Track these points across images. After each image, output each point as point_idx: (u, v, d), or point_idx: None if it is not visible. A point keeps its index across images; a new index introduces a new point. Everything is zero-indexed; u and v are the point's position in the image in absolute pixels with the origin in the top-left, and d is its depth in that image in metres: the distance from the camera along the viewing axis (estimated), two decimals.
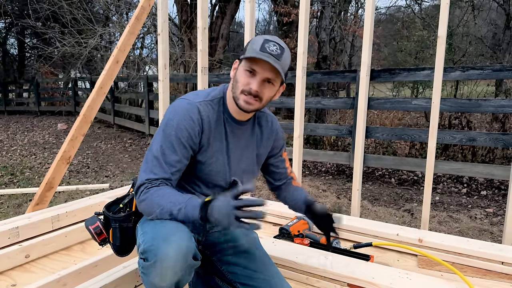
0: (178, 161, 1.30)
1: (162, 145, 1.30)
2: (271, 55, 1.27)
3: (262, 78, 1.30)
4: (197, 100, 1.35)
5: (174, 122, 1.31)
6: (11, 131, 10.00)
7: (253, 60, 1.29)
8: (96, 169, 5.87)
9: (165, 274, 1.13)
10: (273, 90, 1.36)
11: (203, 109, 1.34)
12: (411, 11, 9.71)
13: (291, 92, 7.59)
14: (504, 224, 2.18)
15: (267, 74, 1.30)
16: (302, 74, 2.64)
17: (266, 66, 1.28)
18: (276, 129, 1.56)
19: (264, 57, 1.26)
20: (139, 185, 1.28)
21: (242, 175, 1.47)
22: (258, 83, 1.30)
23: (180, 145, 1.30)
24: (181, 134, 1.30)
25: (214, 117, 1.37)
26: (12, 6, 12.25)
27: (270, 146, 1.56)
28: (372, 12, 2.45)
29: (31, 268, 1.92)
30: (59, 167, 2.54)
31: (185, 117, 1.31)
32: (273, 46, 1.28)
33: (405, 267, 1.98)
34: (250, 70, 1.29)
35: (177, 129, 1.30)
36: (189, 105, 1.34)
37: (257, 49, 1.28)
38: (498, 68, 3.89)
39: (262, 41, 1.30)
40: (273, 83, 1.33)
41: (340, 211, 3.82)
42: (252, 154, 1.49)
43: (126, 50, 2.81)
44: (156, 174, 1.27)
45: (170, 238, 1.14)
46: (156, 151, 1.30)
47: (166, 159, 1.28)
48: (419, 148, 5.60)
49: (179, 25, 9.01)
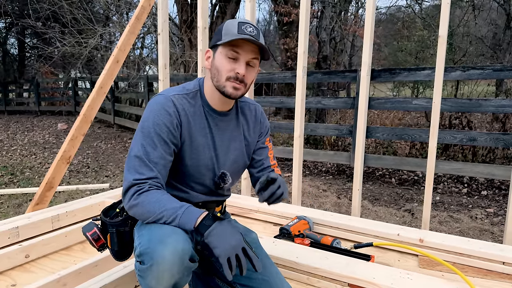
0: (161, 157, 1.27)
1: (143, 143, 1.27)
2: (250, 36, 1.26)
3: (246, 60, 1.29)
4: (171, 93, 1.33)
5: (150, 119, 1.28)
6: (11, 131, 10.00)
7: (234, 43, 1.27)
8: (96, 169, 5.87)
9: (162, 277, 1.12)
10: (255, 73, 1.36)
11: (178, 102, 1.32)
12: (412, 11, 9.71)
13: (291, 92, 7.61)
14: (505, 224, 2.18)
15: (250, 55, 1.29)
16: (302, 74, 2.64)
17: (248, 47, 1.28)
18: (260, 116, 1.55)
19: (246, 37, 1.24)
20: (127, 187, 1.24)
21: (231, 167, 1.46)
22: (244, 67, 1.29)
23: (161, 141, 1.27)
24: (160, 129, 1.27)
25: (191, 110, 1.35)
26: (12, 6, 12.26)
27: (257, 134, 1.54)
28: (372, 12, 2.45)
29: (31, 268, 1.91)
30: (59, 167, 2.54)
31: (161, 112, 1.29)
32: (249, 28, 1.28)
33: (406, 267, 1.98)
34: (232, 55, 1.28)
35: (155, 124, 1.27)
36: (163, 99, 1.31)
37: (235, 32, 1.26)
38: (499, 68, 3.89)
39: (237, 24, 1.28)
40: (254, 66, 1.33)
41: (340, 211, 3.81)
42: (240, 144, 1.48)
43: (126, 49, 2.81)
44: (142, 174, 1.24)
45: (166, 241, 1.13)
46: (138, 150, 1.26)
47: (149, 157, 1.25)
48: (420, 148, 5.60)
49: (179, 25, 9.01)
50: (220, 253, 1.11)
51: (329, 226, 2.32)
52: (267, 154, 1.55)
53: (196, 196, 1.42)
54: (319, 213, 2.48)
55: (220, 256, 1.10)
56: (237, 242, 1.14)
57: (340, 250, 2.03)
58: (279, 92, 10.68)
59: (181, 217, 1.18)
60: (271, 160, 1.56)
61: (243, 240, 1.16)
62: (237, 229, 1.18)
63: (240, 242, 1.14)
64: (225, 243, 1.12)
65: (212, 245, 1.12)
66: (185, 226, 1.17)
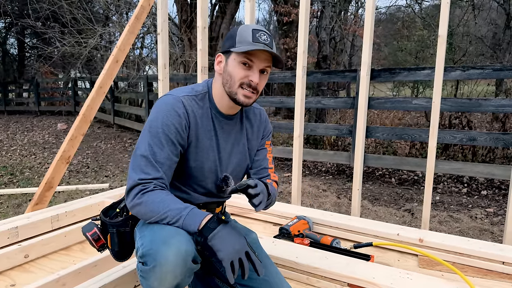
0: (168, 158, 1.27)
1: (150, 142, 1.26)
2: (265, 44, 1.26)
3: (259, 69, 1.29)
4: (181, 94, 1.33)
5: (159, 119, 1.28)
6: (11, 131, 9.99)
7: (249, 52, 1.27)
8: (95, 169, 5.87)
9: (165, 278, 1.12)
10: (266, 80, 1.36)
11: (187, 103, 1.32)
12: (411, 11, 9.71)
13: (291, 91, 7.61)
14: (504, 224, 2.18)
15: (264, 63, 1.29)
16: (302, 74, 2.64)
17: (263, 56, 1.28)
18: (265, 120, 1.56)
19: (261, 47, 1.25)
20: (131, 186, 1.23)
21: (233, 170, 1.46)
22: (258, 75, 1.29)
23: (169, 142, 1.27)
24: (169, 130, 1.27)
25: (199, 112, 1.35)
26: (12, 6, 12.26)
27: (260, 138, 1.55)
28: (372, 11, 2.45)
29: (30, 268, 1.91)
30: (58, 166, 2.54)
31: (170, 113, 1.28)
32: (264, 36, 1.28)
33: (406, 267, 1.98)
34: (246, 62, 1.28)
35: (164, 125, 1.27)
36: (173, 99, 1.31)
37: (250, 40, 1.26)
38: (499, 67, 3.89)
39: (251, 31, 1.28)
40: (267, 73, 1.33)
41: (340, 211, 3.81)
42: (243, 148, 1.48)
43: (125, 49, 2.80)
44: (148, 174, 1.23)
45: (169, 242, 1.13)
46: (145, 150, 1.25)
47: (156, 157, 1.25)
48: (419, 147, 5.59)
49: (179, 24, 9.00)
50: (223, 257, 1.11)
51: (328, 226, 2.32)
52: (266, 156, 1.55)
53: (197, 197, 1.42)
54: (318, 213, 2.48)
55: (224, 259, 1.11)
56: (241, 246, 1.14)
57: (339, 250, 2.03)
58: (279, 92, 10.68)
59: (185, 218, 1.17)
60: (269, 163, 1.54)
61: (247, 245, 1.17)
62: (241, 233, 1.19)
63: (243, 246, 1.15)
64: (229, 246, 1.13)
65: (216, 248, 1.12)
66: (188, 228, 1.17)
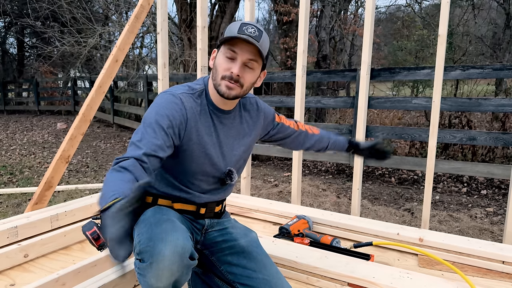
0: (159, 145, 1.22)
1: (143, 131, 1.25)
2: (249, 36, 1.27)
3: (242, 60, 1.29)
4: (179, 92, 1.34)
5: (154, 112, 1.28)
6: (11, 130, 9.99)
7: (232, 43, 1.28)
8: (95, 169, 5.86)
9: (162, 274, 1.12)
10: (254, 76, 1.35)
11: (185, 100, 1.33)
12: (411, 10, 9.72)
13: (291, 91, 7.60)
14: (504, 223, 2.18)
15: (247, 55, 1.29)
16: (302, 73, 2.63)
17: (245, 47, 1.28)
18: (262, 108, 1.57)
19: (244, 37, 1.26)
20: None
21: (236, 164, 1.48)
22: (239, 67, 1.29)
23: (161, 131, 1.25)
24: (162, 120, 1.26)
25: (198, 110, 1.35)
26: (12, 5, 12.25)
27: (260, 126, 1.56)
28: (372, 11, 2.44)
29: (30, 268, 1.91)
30: (58, 166, 2.53)
31: (167, 106, 1.29)
32: (250, 29, 1.28)
33: (406, 266, 1.98)
34: (229, 54, 1.29)
35: (158, 115, 1.26)
36: (171, 96, 1.32)
37: (235, 31, 1.28)
38: (498, 67, 3.89)
39: (239, 25, 1.30)
40: (253, 68, 1.33)
41: (340, 210, 3.81)
42: (245, 141, 1.50)
43: (125, 49, 2.80)
44: (127, 153, 1.20)
45: (166, 238, 1.13)
46: (134, 137, 1.25)
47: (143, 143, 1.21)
48: (419, 147, 5.60)
49: (178, 24, 8.98)
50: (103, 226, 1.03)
51: (328, 226, 2.32)
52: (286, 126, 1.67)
53: (199, 196, 1.43)
54: (318, 212, 2.48)
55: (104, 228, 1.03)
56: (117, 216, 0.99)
57: (339, 249, 2.03)
58: (278, 91, 10.67)
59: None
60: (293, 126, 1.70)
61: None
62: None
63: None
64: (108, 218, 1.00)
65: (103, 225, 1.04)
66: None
